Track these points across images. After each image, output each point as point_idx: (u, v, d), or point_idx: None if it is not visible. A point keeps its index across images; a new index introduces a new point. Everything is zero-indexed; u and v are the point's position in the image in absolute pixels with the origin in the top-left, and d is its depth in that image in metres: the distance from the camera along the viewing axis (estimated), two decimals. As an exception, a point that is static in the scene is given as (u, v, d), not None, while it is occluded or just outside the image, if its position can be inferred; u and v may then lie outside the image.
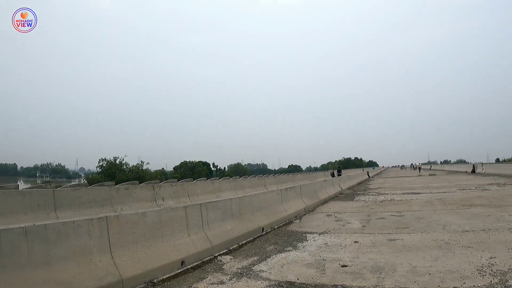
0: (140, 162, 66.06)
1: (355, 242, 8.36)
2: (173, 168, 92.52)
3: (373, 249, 7.57)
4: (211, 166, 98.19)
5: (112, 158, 61.96)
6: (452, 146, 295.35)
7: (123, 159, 62.55)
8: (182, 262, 6.68)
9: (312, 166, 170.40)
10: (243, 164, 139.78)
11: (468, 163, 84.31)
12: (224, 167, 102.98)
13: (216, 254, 7.59)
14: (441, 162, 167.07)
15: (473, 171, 47.29)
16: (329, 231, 9.89)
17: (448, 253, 6.86)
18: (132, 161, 71.49)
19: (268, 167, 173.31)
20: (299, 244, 8.52)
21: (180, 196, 15.71)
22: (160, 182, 16.03)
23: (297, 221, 12.04)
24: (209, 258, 7.32)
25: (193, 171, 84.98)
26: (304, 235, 9.55)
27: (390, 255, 6.97)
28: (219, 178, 22.95)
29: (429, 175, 48.74)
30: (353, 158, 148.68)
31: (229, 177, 27.05)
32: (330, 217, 12.42)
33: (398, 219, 11.17)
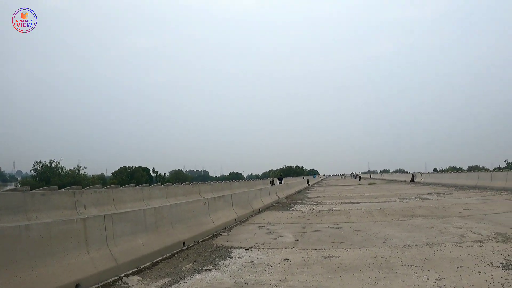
0: (77, 166, 63.38)
1: (285, 259, 7.43)
2: (112, 173, 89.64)
3: (305, 269, 6.65)
4: (151, 172, 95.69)
5: (47, 162, 59.22)
6: (391, 156, 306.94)
7: (58, 163, 60.28)
8: (77, 285, 5.54)
9: (254, 174, 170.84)
10: (185, 170, 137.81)
11: (407, 172, 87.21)
12: (165, 173, 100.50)
13: (123, 275, 6.47)
14: (380, 171, 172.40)
15: (412, 180, 48.60)
16: (258, 245, 8.95)
17: (390, 273, 6.07)
18: (71, 165, 68.42)
19: (209, 174, 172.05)
20: (222, 262, 7.46)
21: (105, 203, 14.52)
22: (83, 188, 14.63)
23: (226, 233, 11.00)
24: (112, 279, 6.19)
25: (133, 176, 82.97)
26: (229, 250, 8.53)
27: (323, 277, 6.08)
28: (149, 185, 21.53)
29: (369, 184, 49.48)
30: (294, 167, 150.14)
31: (160, 184, 25.69)
32: (262, 229, 11.49)
33: (335, 232, 10.41)
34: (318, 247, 8.51)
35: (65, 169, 61.78)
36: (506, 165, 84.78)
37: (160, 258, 7.72)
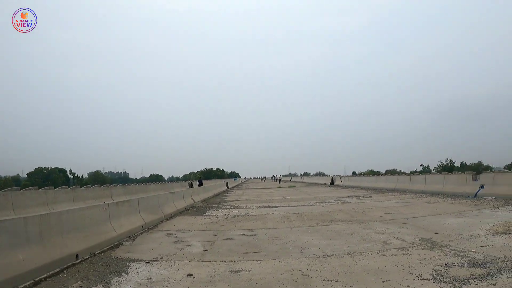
0: None
1: (188, 275, 6.41)
2: (26, 174, 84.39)
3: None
4: (68, 174, 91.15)
5: None
6: (312, 159, 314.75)
7: None
8: None
9: (175, 176, 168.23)
10: (104, 172, 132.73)
11: (327, 175, 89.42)
12: (82, 175, 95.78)
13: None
14: (301, 174, 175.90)
15: (332, 183, 49.50)
16: (162, 257, 7.87)
17: (307, 292, 5.22)
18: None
19: (130, 176, 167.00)
20: (115, 279, 6.29)
21: (3, 208, 13.79)
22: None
23: (129, 243, 9.75)
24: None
25: (48, 178, 78.78)
26: (127, 264, 7.35)
27: (227, 299, 5.10)
28: (68, 187, 21.33)
29: (289, 187, 49.75)
30: (215, 169, 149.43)
31: (67, 186, 23.89)
32: (170, 237, 10.37)
33: (248, 240, 9.54)
34: (228, 258, 7.59)
35: None
36: (422, 169, 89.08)
37: (45, 275, 6.38)
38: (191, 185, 43.94)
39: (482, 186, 19.80)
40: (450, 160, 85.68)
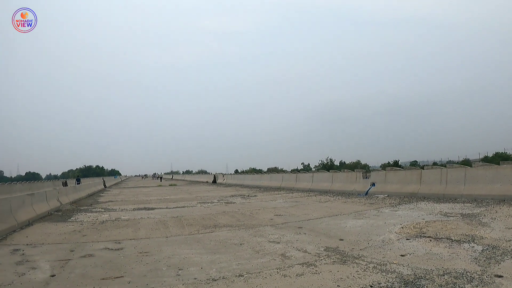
0: None
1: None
2: None
3: None
4: None
5: None
6: (194, 156, 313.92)
7: None
8: None
9: (53, 174, 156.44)
10: None
11: (209, 173, 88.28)
12: None
13: None
14: (183, 172, 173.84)
15: (214, 181, 48.12)
16: (-12, 292, 5.47)
17: None
18: None
19: (4, 174, 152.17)
20: None
21: None
22: None
23: None
24: None
25: None
26: None
27: None
28: None
29: (170, 185, 47.38)
30: (95, 166, 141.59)
31: None
32: (14, 256, 7.75)
33: (112, 257, 7.33)
34: (78, 288, 5.41)
35: None
36: (302, 167, 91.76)
37: None
38: (65, 184, 39.80)
39: (373, 184, 19.50)
40: (330, 159, 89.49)
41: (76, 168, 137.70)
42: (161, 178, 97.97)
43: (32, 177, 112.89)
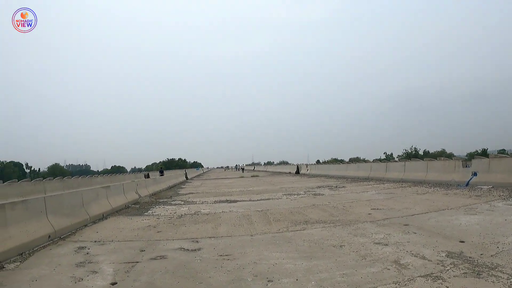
0: None
1: None
2: None
3: None
4: (24, 167, 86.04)
5: None
6: (275, 148, 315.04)
7: None
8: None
9: (137, 167, 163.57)
10: (65, 165, 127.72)
11: (290, 164, 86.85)
12: (39, 168, 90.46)
13: None
14: (264, 163, 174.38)
15: (298, 172, 46.67)
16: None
17: None
18: None
19: (91, 168, 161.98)
20: None
21: None
22: None
23: (13, 265, 6.41)
24: None
25: (3, 172, 74.28)
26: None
27: None
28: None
29: (252, 176, 46.59)
30: (177, 159, 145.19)
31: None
32: (77, 255, 6.99)
33: (186, 261, 6.25)
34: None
35: None
36: (385, 157, 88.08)
37: None
38: (147, 176, 40.39)
39: (475, 174, 17.08)
40: (414, 148, 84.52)
41: (160, 161, 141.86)
42: (243, 169, 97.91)
43: (117, 170, 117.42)
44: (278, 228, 8.77)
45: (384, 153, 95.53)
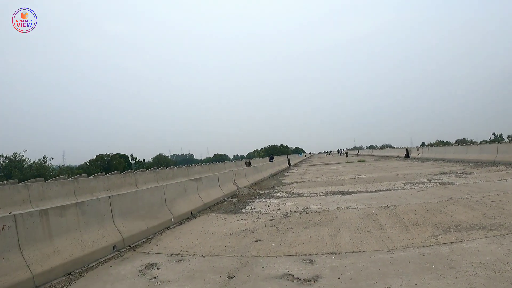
0: (43, 158, 57.47)
1: None
2: (88, 162, 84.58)
3: None
4: (130, 159, 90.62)
5: (12, 154, 53.29)
6: (377, 131, 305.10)
7: (22, 155, 54.17)
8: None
9: (239, 155, 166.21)
10: (169, 155, 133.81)
11: (394, 147, 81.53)
12: (144, 159, 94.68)
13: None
14: (367, 147, 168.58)
15: (407, 156, 42.78)
16: None
17: None
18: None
19: (195, 157, 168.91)
20: None
21: None
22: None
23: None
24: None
25: (110, 164, 78.63)
26: None
27: None
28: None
29: (358, 161, 43.53)
30: (279, 145, 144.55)
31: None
32: (137, 280, 5.22)
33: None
34: None
35: (30, 161, 55.70)
36: (493, 138, 79.41)
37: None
38: (248, 164, 39.00)
39: None
40: None
41: (261, 148, 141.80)
42: (346, 153, 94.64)
43: (219, 158, 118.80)
44: (422, 237, 6.28)
45: (492, 134, 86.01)
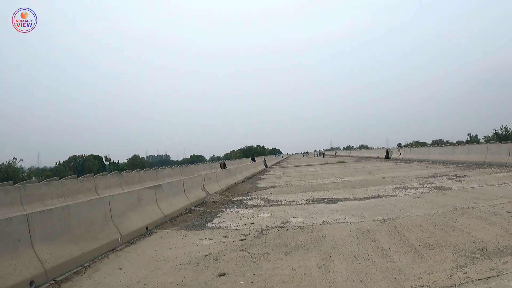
0: (12, 159, 54.74)
1: None
2: (58, 163, 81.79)
3: None
4: (104, 160, 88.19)
5: None
6: (353, 132, 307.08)
7: None
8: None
9: (216, 156, 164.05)
10: (146, 156, 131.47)
11: (371, 148, 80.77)
12: (118, 160, 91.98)
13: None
14: (344, 148, 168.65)
15: (387, 157, 41.58)
16: None
17: None
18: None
19: (171, 158, 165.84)
20: None
21: None
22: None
23: None
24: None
25: (83, 166, 76.28)
26: None
27: None
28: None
29: (337, 162, 42.16)
30: (255, 146, 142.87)
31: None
32: None
33: None
34: None
35: None
36: (469, 139, 79.39)
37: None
38: (223, 166, 37.17)
39: None
40: (505, 128, 72.02)
41: (238, 149, 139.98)
42: (323, 154, 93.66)
43: (196, 159, 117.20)
44: (444, 268, 4.61)
45: (468, 134, 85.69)
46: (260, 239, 6.91)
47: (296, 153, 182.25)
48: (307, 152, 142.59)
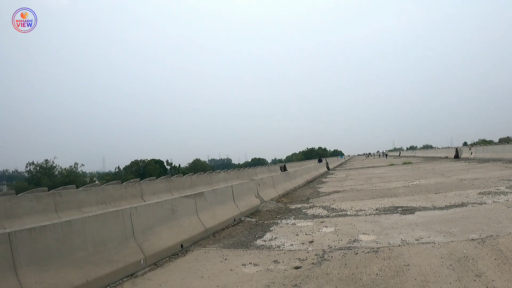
0: (74, 164, 56.21)
1: None
2: (123, 168, 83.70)
3: None
4: (165, 164, 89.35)
5: (43, 161, 52.56)
6: (415, 132, 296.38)
7: (53, 162, 53.36)
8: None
9: (277, 158, 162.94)
10: (207, 159, 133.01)
11: (435, 147, 76.53)
12: (179, 164, 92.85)
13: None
14: (407, 148, 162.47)
15: (457, 156, 38.35)
16: None
17: None
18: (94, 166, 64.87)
19: (233, 161, 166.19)
20: None
21: None
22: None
23: None
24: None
25: (145, 170, 77.53)
26: None
27: None
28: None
29: (403, 163, 39.31)
30: (317, 148, 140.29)
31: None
32: None
33: None
34: None
35: (60, 168, 54.50)
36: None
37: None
38: (284, 169, 35.59)
39: None
40: None
41: (299, 151, 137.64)
42: (386, 155, 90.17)
43: (257, 162, 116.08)
44: None
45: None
46: (320, 268, 5.27)
47: (358, 155, 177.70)
48: (369, 153, 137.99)
